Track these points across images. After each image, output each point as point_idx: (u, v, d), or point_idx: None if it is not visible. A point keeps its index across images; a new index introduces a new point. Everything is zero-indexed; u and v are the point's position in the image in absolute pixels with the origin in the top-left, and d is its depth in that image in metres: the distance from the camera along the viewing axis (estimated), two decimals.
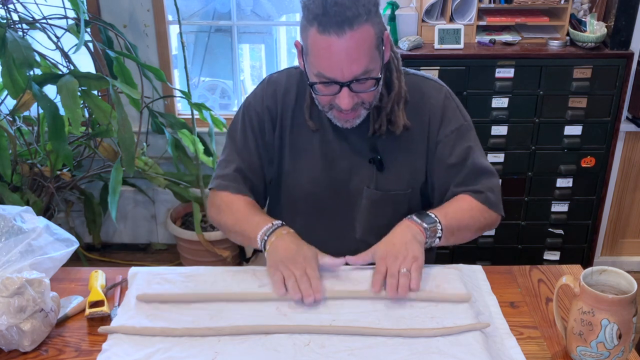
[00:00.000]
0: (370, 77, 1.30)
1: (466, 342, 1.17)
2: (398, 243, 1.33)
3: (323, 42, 1.25)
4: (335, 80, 1.29)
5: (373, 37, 1.27)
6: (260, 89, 1.53)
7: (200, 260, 2.86)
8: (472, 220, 1.44)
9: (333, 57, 1.26)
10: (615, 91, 2.42)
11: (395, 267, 1.28)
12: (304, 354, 1.14)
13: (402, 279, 1.26)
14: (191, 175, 2.75)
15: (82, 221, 2.98)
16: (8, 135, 2.33)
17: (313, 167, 1.49)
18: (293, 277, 1.28)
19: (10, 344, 1.18)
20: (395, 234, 1.36)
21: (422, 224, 1.36)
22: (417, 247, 1.32)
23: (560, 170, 2.54)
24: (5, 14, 2.33)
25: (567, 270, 1.44)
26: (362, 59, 1.27)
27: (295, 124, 1.49)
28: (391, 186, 1.48)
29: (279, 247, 1.34)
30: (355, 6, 1.23)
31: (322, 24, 1.23)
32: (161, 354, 1.15)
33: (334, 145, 1.48)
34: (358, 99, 1.33)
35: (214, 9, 3.33)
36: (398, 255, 1.30)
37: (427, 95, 1.47)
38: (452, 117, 1.46)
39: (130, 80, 2.45)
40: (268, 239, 1.37)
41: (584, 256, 2.73)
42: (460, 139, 1.46)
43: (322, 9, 1.23)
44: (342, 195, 1.50)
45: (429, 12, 2.47)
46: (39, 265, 1.28)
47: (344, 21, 1.22)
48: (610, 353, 1.11)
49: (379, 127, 1.42)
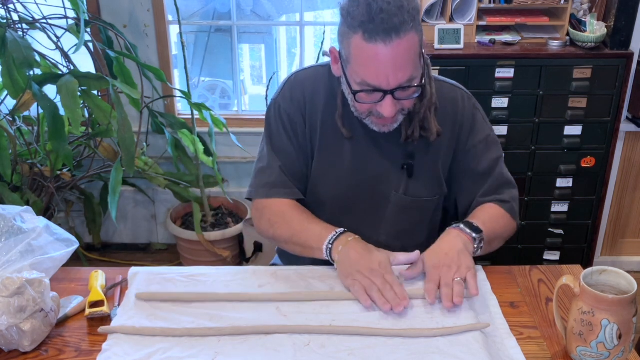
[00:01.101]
0: (413, 84, 1.29)
1: (466, 342, 1.17)
2: (450, 252, 1.32)
3: (369, 50, 1.22)
4: (379, 88, 1.27)
5: (417, 44, 1.26)
6: (287, 89, 1.48)
7: (200, 260, 2.86)
8: (504, 230, 1.47)
9: (380, 65, 1.24)
10: (615, 91, 2.42)
11: (449, 277, 1.28)
12: (304, 354, 1.14)
13: (457, 287, 1.26)
14: (191, 175, 2.75)
15: (82, 221, 2.98)
16: (8, 135, 2.33)
17: (343, 170, 1.47)
18: (375, 287, 1.26)
19: (10, 344, 1.18)
20: (445, 242, 1.36)
21: (471, 234, 1.37)
22: (468, 257, 1.32)
23: (560, 170, 2.54)
24: (5, 14, 2.33)
25: (567, 270, 1.44)
26: (408, 67, 1.25)
27: (325, 126, 1.45)
28: (420, 193, 1.48)
29: (351, 255, 1.32)
30: (401, 13, 1.21)
31: (368, 31, 1.21)
32: (161, 354, 1.15)
33: (365, 150, 1.45)
34: (399, 106, 1.32)
35: (214, 9, 3.33)
36: (452, 264, 1.30)
37: (457, 104, 1.46)
38: (481, 127, 1.48)
39: (130, 80, 2.45)
40: (334, 248, 1.35)
41: (584, 256, 2.73)
42: (489, 149, 1.48)
43: (368, 16, 1.21)
44: (368, 199, 1.49)
45: (429, 12, 2.47)
46: (39, 265, 1.28)
47: (391, 29, 1.20)
48: (610, 353, 1.11)
49: (412, 133, 1.41)
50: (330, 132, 1.45)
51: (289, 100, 1.47)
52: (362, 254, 1.32)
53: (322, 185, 1.49)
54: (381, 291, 1.25)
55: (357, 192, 1.48)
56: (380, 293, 1.25)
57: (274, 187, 1.47)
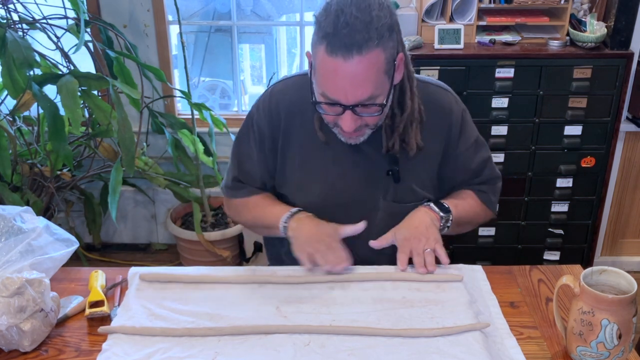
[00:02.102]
0: (374, 103, 1.27)
1: (466, 342, 1.17)
2: (420, 226, 1.42)
3: (330, 63, 1.21)
4: (338, 102, 1.26)
5: (382, 63, 1.23)
6: (263, 101, 1.49)
7: (200, 260, 2.86)
8: (475, 215, 1.56)
9: (338, 81, 1.23)
10: (615, 91, 2.42)
11: (420, 247, 1.38)
12: (304, 354, 1.14)
13: (429, 257, 1.37)
14: (191, 175, 2.75)
15: (82, 221, 2.98)
16: (8, 135, 2.33)
17: (326, 178, 1.47)
18: (319, 253, 1.36)
19: (10, 344, 1.18)
20: (414, 218, 1.45)
21: (439, 212, 1.45)
22: (436, 231, 1.42)
23: (560, 170, 2.54)
24: (5, 14, 2.33)
25: (567, 270, 1.44)
26: (368, 85, 1.23)
27: (305, 136, 1.46)
28: (407, 198, 1.48)
29: (302, 229, 1.41)
30: (366, 30, 1.18)
31: (330, 44, 1.20)
32: (161, 354, 1.15)
33: (347, 156, 1.45)
34: (362, 121, 1.31)
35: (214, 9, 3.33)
36: (421, 237, 1.39)
37: (446, 109, 1.46)
38: (470, 130, 1.51)
39: (130, 80, 2.45)
40: (289, 226, 1.43)
41: (584, 256, 2.73)
42: (479, 150, 1.53)
43: (333, 29, 1.19)
44: (356, 207, 1.48)
45: (429, 12, 2.47)
46: (39, 265, 1.28)
47: (352, 45, 1.18)
48: (610, 353, 1.11)
49: (392, 146, 1.41)
50: (311, 140, 1.45)
51: (262, 113, 1.48)
52: (311, 229, 1.41)
53: (307, 194, 1.49)
54: (324, 256, 1.35)
55: (343, 199, 1.48)
56: (323, 257, 1.35)
57: (231, 190, 1.58)
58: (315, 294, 1.31)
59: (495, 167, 1.59)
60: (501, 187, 1.61)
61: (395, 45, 1.26)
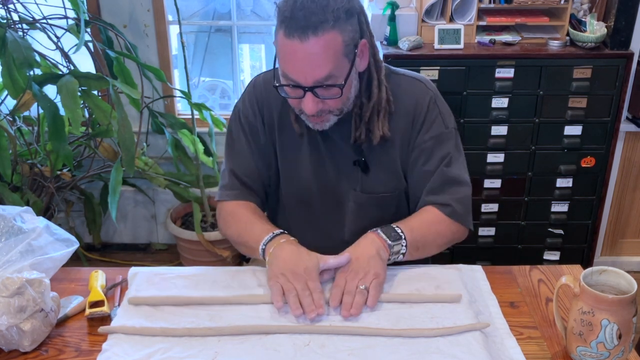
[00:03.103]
0: (333, 83, 1.28)
1: (466, 342, 1.17)
2: (361, 258, 1.31)
3: (288, 46, 1.25)
4: (299, 84, 1.28)
5: (340, 44, 1.25)
6: (247, 93, 1.52)
7: (200, 260, 2.86)
8: (438, 236, 1.43)
9: (296, 62, 1.26)
10: (615, 91, 2.42)
11: (353, 284, 1.27)
12: (304, 354, 1.14)
13: (358, 297, 1.24)
14: (191, 175, 2.75)
15: (82, 221, 2.98)
16: (8, 135, 2.33)
17: (303, 170, 1.49)
18: (294, 292, 1.25)
19: (10, 344, 1.18)
20: (359, 247, 1.34)
21: (387, 240, 1.35)
22: (379, 264, 1.30)
23: (560, 170, 2.54)
24: (5, 14, 2.33)
25: (567, 270, 1.44)
26: (325, 65, 1.26)
27: (283, 126, 1.49)
28: (377, 188, 1.48)
29: (279, 257, 1.32)
30: (322, 12, 1.22)
31: (288, 27, 1.23)
32: (161, 354, 1.15)
33: (321, 147, 1.47)
34: (324, 105, 1.32)
35: (214, 9, 3.34)
36: (359, 270, 1.29)
37: (413, 99, 1.44)
38: (433, 124, 1.43)
39: (130, 80, 2.45)
40: (266, 249, 1.35)
41: (584, 256, 2.73)
42: (438, 147, 1.43)
43: (290, 12, 1.23)
44: (331, 198, 1.50)
45: (429, 12, 2.47)
46: (39, 265, 1.28)
47: (307, 26, 1.22)
48: (610, 353, 1.11)
49: (360, 135, 1.41)
50: (288, 131, 1.48)
51: (247, 104, 1.50)
52: (290, 257, 1.30)
53: (285, 185, 1.52)
54: (299, 296, 1.24)
55: (319, 191, 1.50)
56: (297, 298, 1.24)
57: (226, 190, 1.51)
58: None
59: (463, 174, 1.45)
60: (470, 196, 1.46)
61: (356, 30, 1.29)
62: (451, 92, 2.38)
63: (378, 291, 1.27)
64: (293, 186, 1.51)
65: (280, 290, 1.26)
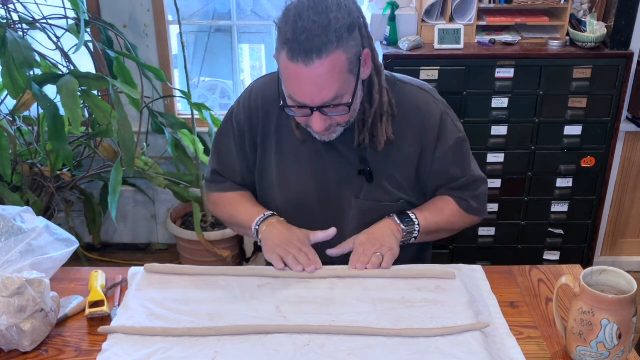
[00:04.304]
0: (340, 103, 1.28)
1: (466, 342, 1.17)
2: (377, 234, 1.44)
3: (292, 69, 1.24)
4: (306, 105, 1.28)
5: (345, 63, 1.24)
6: (242, 97, 1.53)
7: (200, 260, 2.86)
8: (450, 225, 1.53)
9: (302, 85, 1.25)
10: (615, 91, 2.42)
11: (370, 250, 1.40)
12: (304, 354, 1.14)
13: (374, 259, 1.38)
14: (191, 175, 2.75)
15: (82, 221, 2.98)
16: (8, 135, 2.33)
17: (302, 176, 1.48)
18: (291, 255, 1.37)
19: (10, 344, 1.18)
20: (375, 227, 1.46)
21: (400, 225, 1.45)
22: (394, 241, 1.43)
23: (560, 170, 2.54)
24: (5, 14, 2.33)
25: (567, 270, 1.44)
26: (332, 86, 1.25)
27: (281, 132, 1.48)
28: (381, 197, 1.48)
29: (273, 233, 1.43)
30: (325, 33, 1.20)
31: (291, 50, 1.22)
32: (161, 354, 1.15)
33: (322, 154, 1.47)
34: (332, 121, 1.32)
35: (214, 9, 3.33)
36: (375, 243, 1.41)
37: (423, 109, 1.44)
38: (450, 133, 1.46)
39: (130, 80, 2.45)
40: (260, 229, 1.45)
41: (584, 256, 2.72)
42: (458, 153, 1.49)
43: (292, 35, 1.21)
44: (331, 205, 1.50)
45: (429, 12, 2.47)
46: (39, 265, 1.28)
47: (312, 50, 1.20)
48: (610, 353, 1.11)
49: (364, 140, 1.41)
50: (287, 137, 1.47)
51: (241, 108, 1.51)
52: (283, 232, 1.43)
53: (282, 191, 1.51)
54: (296, 257, 1.37)
55: (319, 198, 1.49)
56: (295, 259, 1.37)
57: (209, 183, 1.61)
58: (315, 294, 1.31)
59: (477, 170, 1.54)
60: (487, 190, 1.55)
61: (359, 43, 1.28)
62: (451, 92, 2.38)
63: (392, 258, 1.39)
64: (290, 192, 1.50)
65: (280, 258, 1.38)
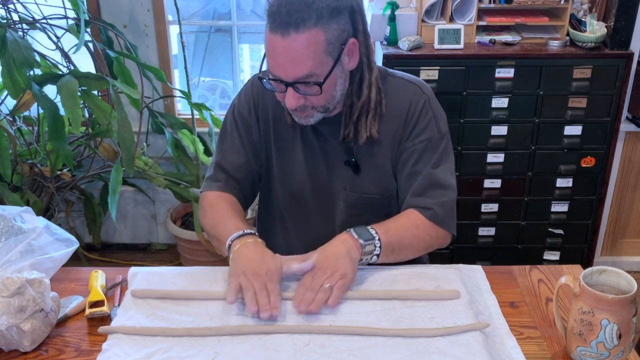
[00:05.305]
0: (313, 81, 1.29)
1: (466, 342, 1.17)
2: (330, 257, 1.30)
3: (271, 40, 1.26)
4: (280, 79, 1.30)
5: (322, 42, 1.26)
6: (244, 89, 1.55)
7: (200, 260, 2.86)
8: (416, 240, 1.40)
9: (277, 57, 1.28)
10: (615, 91, 2.42)
11: (318, 282, 1.26)
12: (304, 354, 1.14)
13: (320, 294, 1.24)
14: (191, 175, 2.75)
15: (82, 221, 2.98)
16: (8, 135, 2.33)
17: (297, 166, 1.50)
18: (252, 290, 1.23)
19: (10, 344, 1.18)
20: (330, 246, 1.33)
21: (358, 240, 1.33)
22: (348, 264, 1.29)
23: (560, 170, 2.54)
24: (5, 14, 2.33)
25: (567, 270, 1.44)
26: (306, 62, 1.26)
27: (277, 123, 1.50)
28: (367, 189, 1.47)
29: (244, 255, 1.30)
30: (306, 9, 1.23)
31: (272, 22, 1.25)
32: (161, 354, 1.15)
33: (314, 145, 1.48)
34: (306, 101, 1.33)
35: (214, 9, 3.33)
36: (327, 269, 1.28)
37: (406, 100, 1.44)
38: (425, 128, 1.42)
39: (130, 80, 2.45)
40: (232, 245, 1.33)
41: (584, 256, 2.73)
42: (428, 151, 1.43)
43: (276, 8, 1.24)
44: (323, 196, 1.51)
45: (429, 12, 2.47)
46: (39, 265, 1.28)
47: (289, 23, 1.23)
48: (610, 353, 1.11)
49: (348, 134, 1.42)
50: (283, 127, 1.49)
51: (243, 100, 1.54)
52: (253, 257, 1.29)
53: (279, 180, 1.53)
54: (256, 295, 1.22)
55: (312, 189, 1.50)
56: (254, 296, 1.22)
57: (209, 181, 1.53)
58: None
59: (448, 178, 1.43)
60: (454, 200, 1.43)
61: (345, 30, 1.29)
62: (451, 92, 2.38)
63: (342, 292, 1.26)
64: (287, 182, 1.52)
65: (238, 287, 1.24)
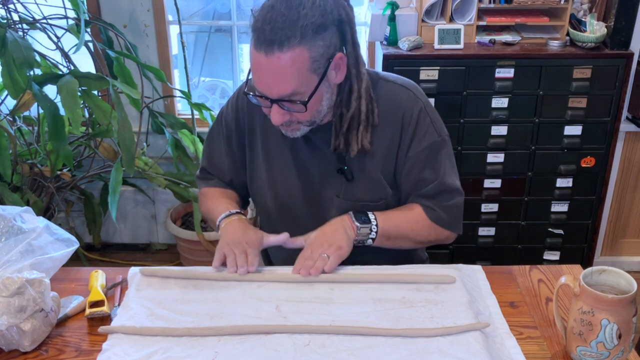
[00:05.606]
0: (297, 100, 1.28)
1: (466, 342, 1.17)
2: (328, 232, 1.40)
3: (255, 57, 1.26)
4: (265, 95, 1.30)
5: (307, 61, 1.25)
6: (232, 98, 1.56)
7: (200, 260, 2.86)
8: (412, 232, 1.46)
9: (261, 74, 1.27)
10: (615, 91, 2.42)
11: (317, 252, 1.37)
12: (304, 354, 1.14)
13: (319, 262, 1.35)
14: (191, 175, 2.75)
15: (82, 221, 2.98)
16: (8, 135, 2.33)
17: (288, 174, 1.50)
18: (233, 255, 1.37)
19: (10, 344, 1.18)
20: (327, 225, 1.43)
21: (355, 222, 1.41)
22: (344, 239, 1.39)
23: (560, 170, 2.54)
24: (5, 14, 2.33)
25: (567, 270, 1.44)
26: (290, 81, 1.26)
27: (267, 132, 1.49)
28: (361, 197, 1.47)
29: (228, 230, 1.43)
30: (290, 28, 1.21)
31: (256, 38, 1.24)
32: (161, 354, 1.15)
33: (304, 153, 1.47)
34: (291, 117, 1.33)
35: (214, 9, 3.33)
36: (324, 242, 1.38)
37: (401, 106, 1.42)
38: (426, 134, 1.42)
39: (130, 80, 2.45)
40: (220, 224, 1.46)
41: (584, 256, 2.73)
42: (432, 157, 1.44)
43: (261, 24, 1.23)
44: (314, 204, 1.51)
45: (429, 12, 2.47)
46: (39, 265, 1.28)
47: (273, 41, 1.22)
48: (610, 353, 1.11)
49: (339, 145, 1.41)
50: (273, 136, 1.49)
51: (229, 109, 1.55)
52: (236, 231, 1.42)
53: (269, 189, 1.52)
54: (236, 258, 1.36)
55: (303, 196, 1.50)
56: (234, 260, 1.36)
57: (199, 180, 1.66)
58: (315, 294, 1.31)
59: (454, 180, 1.47)
60: (461, 203, 1.47)
61: (330, 44, 1.28)
62: (451, 92, 2.38)
63: (337, 260, 1.36)
64: (277, 190, 1.52)
65: (222, 256, 1.38)
